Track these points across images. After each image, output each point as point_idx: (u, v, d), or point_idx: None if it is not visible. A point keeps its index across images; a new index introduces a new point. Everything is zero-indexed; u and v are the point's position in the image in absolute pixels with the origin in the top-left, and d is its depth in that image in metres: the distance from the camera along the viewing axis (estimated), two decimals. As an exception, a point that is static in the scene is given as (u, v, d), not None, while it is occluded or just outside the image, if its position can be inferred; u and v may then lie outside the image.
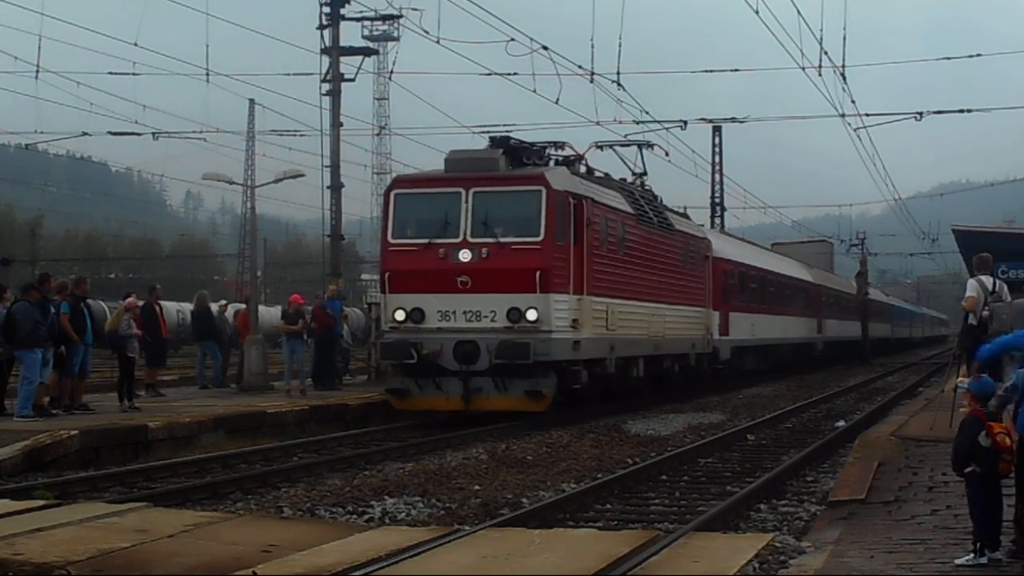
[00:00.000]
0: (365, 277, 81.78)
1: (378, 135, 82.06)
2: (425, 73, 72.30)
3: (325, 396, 23.12)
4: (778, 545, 9.07)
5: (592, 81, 28.83)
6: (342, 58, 29.05)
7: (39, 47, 29.87)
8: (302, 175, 29.34)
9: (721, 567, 8.18)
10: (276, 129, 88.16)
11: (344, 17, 29.18)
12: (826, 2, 25.71)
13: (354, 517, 11.66)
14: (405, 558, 8.37)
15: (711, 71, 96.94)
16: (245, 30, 33.31)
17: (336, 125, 28.84)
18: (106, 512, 10.27)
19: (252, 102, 75.30)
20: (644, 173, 28.36)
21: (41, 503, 10.98)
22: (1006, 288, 16.10)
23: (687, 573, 8.06)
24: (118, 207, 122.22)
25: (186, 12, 31.91)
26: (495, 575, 7.93)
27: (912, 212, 67.60)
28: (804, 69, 28.59)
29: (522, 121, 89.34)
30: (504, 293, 19.93)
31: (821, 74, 28.94)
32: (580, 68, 28.42)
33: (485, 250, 20.09)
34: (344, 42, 29.41)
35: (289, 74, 34.04)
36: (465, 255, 20.13)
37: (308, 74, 31.37)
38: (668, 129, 34.71)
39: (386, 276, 21.04)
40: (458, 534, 9.43)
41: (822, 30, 27.39)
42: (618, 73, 28.76)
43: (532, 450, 16.91)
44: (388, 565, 8.15)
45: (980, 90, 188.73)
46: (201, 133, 52.59)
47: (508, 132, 24.06)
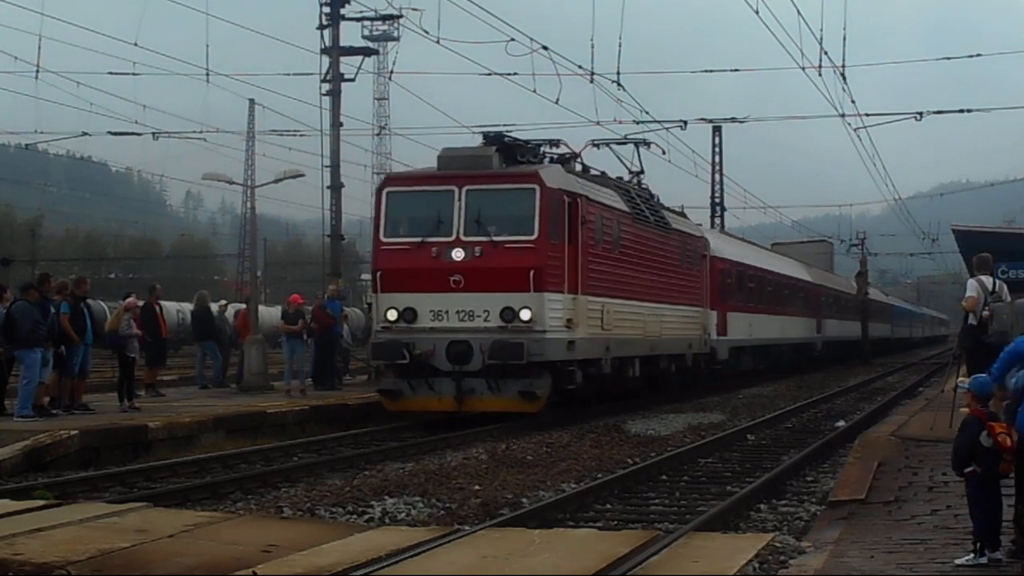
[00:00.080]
0: (365, 277, 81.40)
1: (378, 135, 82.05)
2: (425, 73, 72.24)
3: (325, 396, 23.11)
4: (778, 545, 9.08)
5: (592, 81, 28.84)
6: (342, 58, 29.04)
7: (39, 47, 29.90)
8: (302, 175, 29.37)
9: (721, 567, 8.18)
10: (276, 129, 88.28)
11: (344, 17, 29.18)
12: (826, 2, 25.73)
13: (354, 517, 11.65)
14: (405, 558, 8.37)
15: (711, 71, 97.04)
16: (245, 30, 33.36)
17: (336, 125, 28.83)
18: (106, 512, 10.27)
19: (252, 102, 75.34)
20: (641, 172, 28.24)
21: (41, 503, 10.98)
22: (1006, 288, 16.10)
23: (687, 573, 8.06)
24: (118, 207, 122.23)
25: (186, 12, 31.97)
26: (495, 575, 7.93)
27: (912, 212, 67.68)
28: (804, 69, 28.63)
29: (522, 121, 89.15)
30: (497, 292, 19.69)
31: (821, 74, 28.99)
32: (580, 68, 28.43)
33: (478, 249, 19.83)
34: (344, 42, 29.41)
35: (289, 74, 34.12)
36: (458, 254, 19.87)
37: (308, 74, 31.42)
38: (668, 129, 34.70)
39: (378, 275, 20.78)
40: (458, 534, 9.43)
41: (822, 30, 27.41)
42: (618, 73, 28.78)
43: (532, 450, 16.91)
44: (388, 565, 8.15)
45: (980, 90, 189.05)
46: (201, 133, 52.57)
47: (509, 132, 23.91)
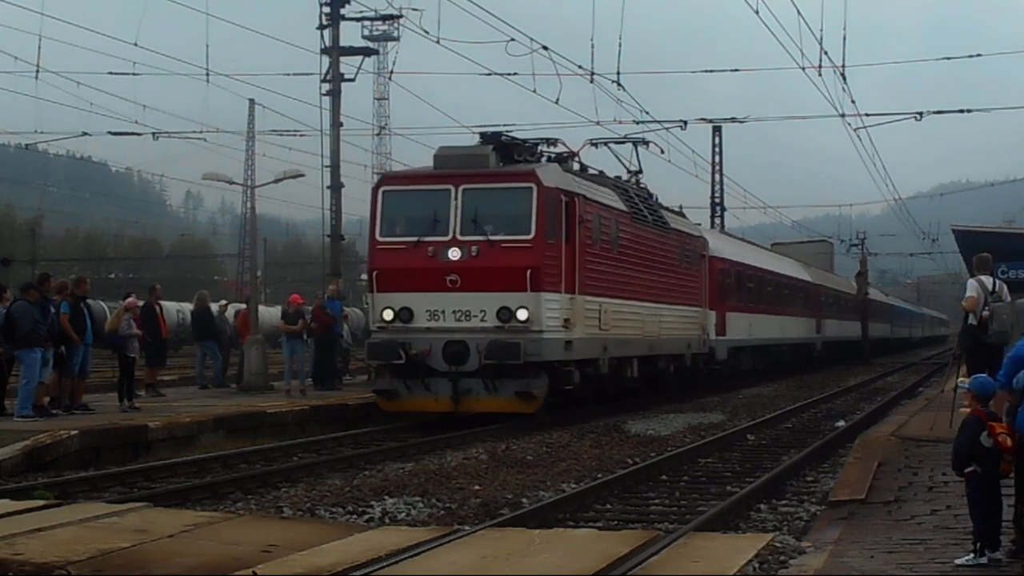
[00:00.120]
0: (365, 277, 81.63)
1: (378, 135, 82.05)
2: (425, 73, 72.21)
3: (325, 396, 23.11)
4: (778, 545, 9.08)
5: (592, 81, 28.83)
6: (342, 58, 29.03)
7: (39, 47, 29.92)
8: (302, 175, 29.37)
9: (721, 567, 8.18)
10: (276, 129, 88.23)
11: (344, 17, 29.17)
12: (826, 2, 25.72)
13: (354, 517, 11.65)
14: (405, 558, 8.37)
15: (711, 71, 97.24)
16: (245, 30, 33.38)
17: (336, 125, 28.83)
18: (106, 512, 10.27)
19: (252, 102, 75.36)
20: (639, 171, 28.18)
21: (41, 503, 10.98)
22: (1006, 288, 16.11)
23: (687, 573, 8.06)
24: (118, 207, 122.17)
25: (186, 12, 32.00)
26: (495, 575, 7.93)
27: (912, 212, 67.64)
28: (804, 69, 28.63)
29: (522, 121, 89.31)
30: (494, 292, 19.54)
31: (821, 74, 28.98)
32: (580, 68, 28.42)
33: (475, 248, 19.69)
34: (344, 42, 29.40)
35: (289, 74, 34.13)
36: (454, 253, 19.73)
37: (308, 74, 31.43)
38: (668, 129, 34.68)
39: (374, 275, 20.66)
40: (458, 534, 9.43)
41: (822, 30, 27.42)
42: (618, 73, 28.77)
43: (532, 450, 16.90)
44: (388, 565, 8.15)
45: (980, 90, 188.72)
46: (201, 133, 52.73)
47: (508, 132, 23.87)
